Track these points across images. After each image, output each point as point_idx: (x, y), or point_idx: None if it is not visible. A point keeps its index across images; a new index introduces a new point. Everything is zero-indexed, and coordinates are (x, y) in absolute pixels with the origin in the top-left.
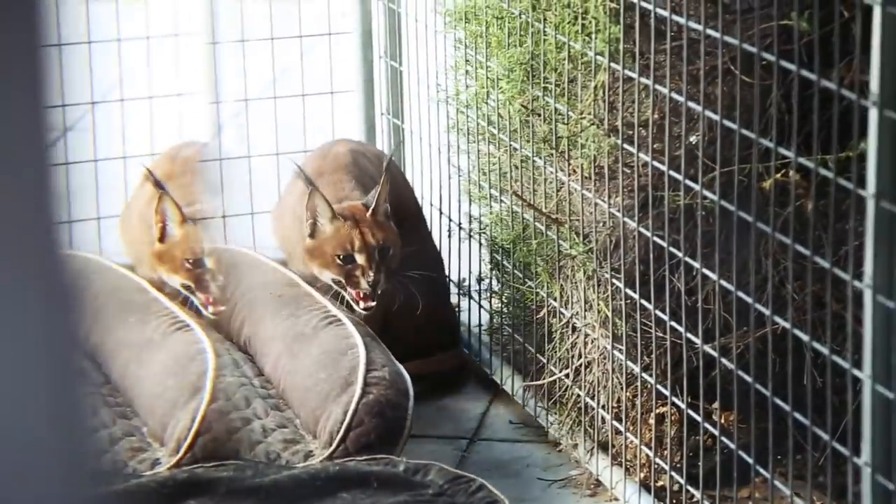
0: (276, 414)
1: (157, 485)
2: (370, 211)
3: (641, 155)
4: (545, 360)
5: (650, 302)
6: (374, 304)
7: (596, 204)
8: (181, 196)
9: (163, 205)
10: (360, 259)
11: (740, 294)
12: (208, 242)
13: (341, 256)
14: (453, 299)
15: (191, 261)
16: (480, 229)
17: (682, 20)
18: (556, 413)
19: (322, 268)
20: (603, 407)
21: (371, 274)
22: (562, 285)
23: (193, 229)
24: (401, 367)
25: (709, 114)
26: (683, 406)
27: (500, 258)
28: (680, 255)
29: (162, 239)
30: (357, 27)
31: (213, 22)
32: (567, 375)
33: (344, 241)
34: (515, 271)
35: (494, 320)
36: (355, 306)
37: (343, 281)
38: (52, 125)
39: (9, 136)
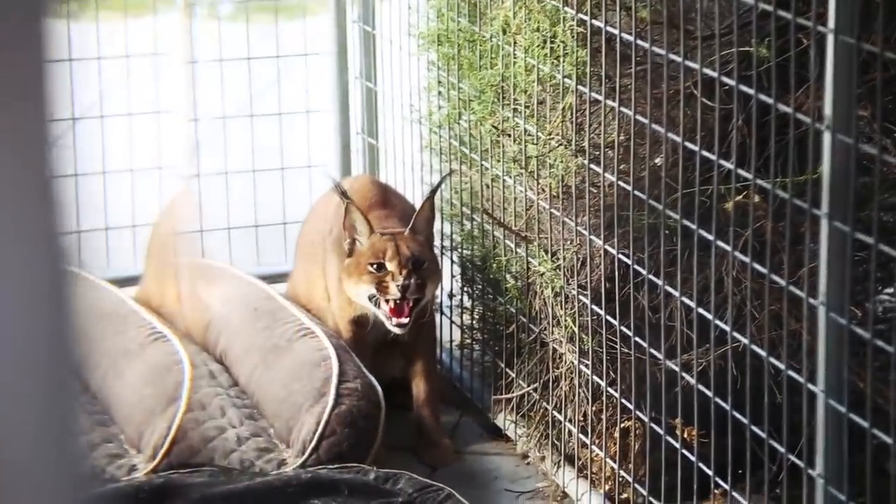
0: (250, 423)
1: (134, 490)
2: (408, 229)
3: (607, 175)
4: (514, 375)
5: (616, 318)
6: (407, 321)
7: (564, 222)
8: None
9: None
10: (390, 266)
11: (702, 311)
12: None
13: (374, 265)
14: None
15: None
16: (452, 247)
17: (646, 45)
18: (524, 426)
19: (357, 282)
20: (570, 420)
21: (400, 279)
22: (530, 301)
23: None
24: (373, 378)
25: (672, 136)
26: (647, 420)
27: (471, 275)
28: (644, 273)
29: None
30: (333, 48)
31: (191, 41)
32: (535, 389)
33: (377, 251)
34: (486, 288)
35: (465, 336)
36: (388, 323)
37: (375, 291)
38: (53, 137)
39: (11, 147)
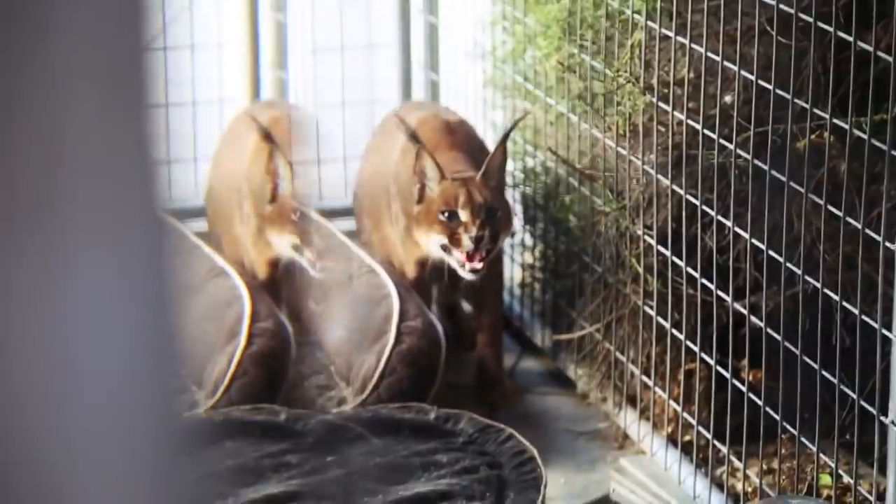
0: (311, 360)
1: (194, 425)
2: (480, 175)
3: (676, 113)
4: (576, 315)
5: (682, 259)
6: (480, 265)
7: (630, 161)
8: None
9: (274, 162)
10: (463, 216)
11: (771, 253)
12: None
13: (445, 213)
14: None
15: (298, 213)
16: (514, 184)
17: None
18: (585, 367)
19: (427, 230)
20: (632, 362)
21: (474, 230)
22: (594, 241)
23: (301, 183)
24: (433, 317)
25: (744, 73)
26: (712, 362)
27: (533, 213)
28: (712, 213)
29: (274, 199)
30: None
31: None
32: (597, 330)
33: (449, 199)
34: (548, 226)
35: (526, 274)
36: (461, 271)
37: (447, 242)
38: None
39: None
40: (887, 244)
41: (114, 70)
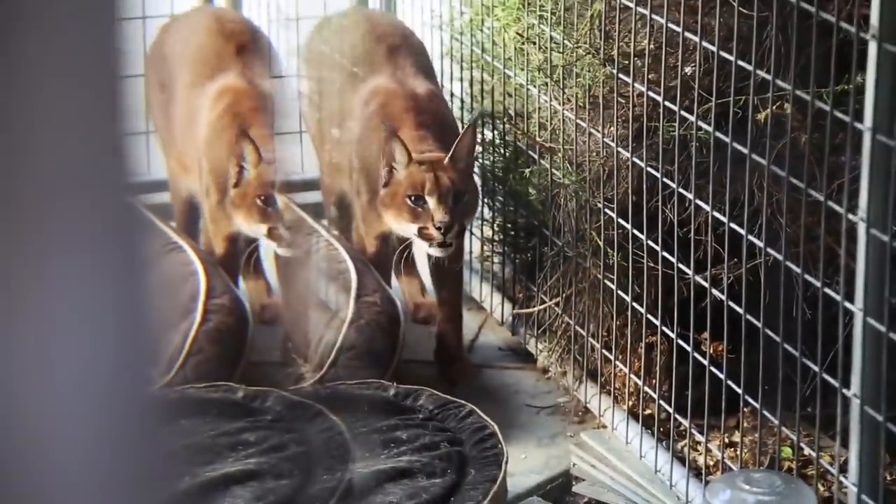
0: (268, 336)
1: (149, 404)
2: (448, 158)
3: (637, 85)
4: (535, 289)
5: (642, 232)
6: (447, 247)
7: (590, 133)
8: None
9: (241, 147)
10: (430, 201)
11: (733, 225)
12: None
13: (412, 197)
14: None
15: (263, 198)
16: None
17: None
18: (545, 341)
19: (396, 215)
20: (592, 336)
21: (440, 215)
22: (554, 214)
23: (266, 169)
24: (391, 292)
25: (705, 45)
26: (673, 336)
27: (492, 186)
28: (673, 185)
29: (237, 183)
30: None
31: None
32: (557, 304)
33: (416, 183)
34: (507, 199)
35: (485, 248)
36: (430, 250)
37: (414, 227)
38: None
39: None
40: (849, 216)
41: (83, 50)
